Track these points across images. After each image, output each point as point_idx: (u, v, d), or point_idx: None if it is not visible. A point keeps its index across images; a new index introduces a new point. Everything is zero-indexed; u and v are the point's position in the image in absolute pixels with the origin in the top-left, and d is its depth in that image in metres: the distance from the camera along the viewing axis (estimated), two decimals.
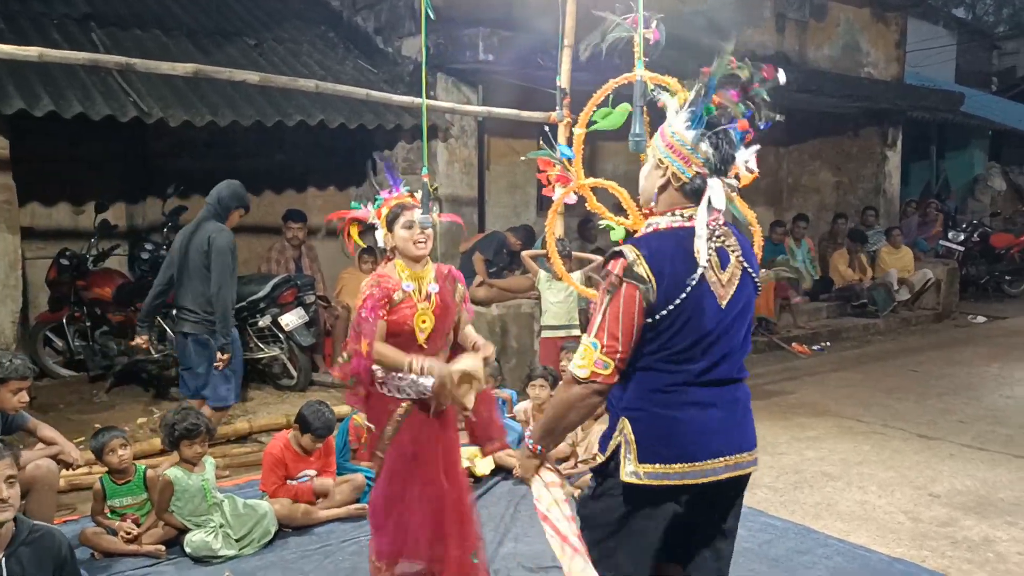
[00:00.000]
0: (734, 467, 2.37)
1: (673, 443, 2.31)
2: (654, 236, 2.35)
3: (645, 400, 2.33)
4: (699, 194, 2.31)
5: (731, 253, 2.36)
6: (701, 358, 2.31)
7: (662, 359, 2.30)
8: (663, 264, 2.25)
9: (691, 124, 2.31)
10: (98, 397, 6.52)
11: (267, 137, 7.64)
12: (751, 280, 2.41)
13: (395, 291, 3.27)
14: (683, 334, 2.28)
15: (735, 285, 2.35)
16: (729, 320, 2.33)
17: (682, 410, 2.32)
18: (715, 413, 2.35)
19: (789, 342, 9.07)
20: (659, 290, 2.24)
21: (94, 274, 6.84)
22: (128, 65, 4.99)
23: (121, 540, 3.97)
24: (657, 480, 2.30)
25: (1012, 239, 12.57)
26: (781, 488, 4.88)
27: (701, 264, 2.26)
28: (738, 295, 2.36)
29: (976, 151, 15.69)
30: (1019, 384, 7.33)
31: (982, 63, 22.61)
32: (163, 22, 7.69)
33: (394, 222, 3.32)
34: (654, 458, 2.30)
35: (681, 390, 2.31)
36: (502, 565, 3.88)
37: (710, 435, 2.33)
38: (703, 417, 2.33)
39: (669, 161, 2.34)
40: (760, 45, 9.97)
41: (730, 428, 2.37)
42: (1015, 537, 4.19)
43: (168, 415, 4.23)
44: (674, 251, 2.28)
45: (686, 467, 2.31)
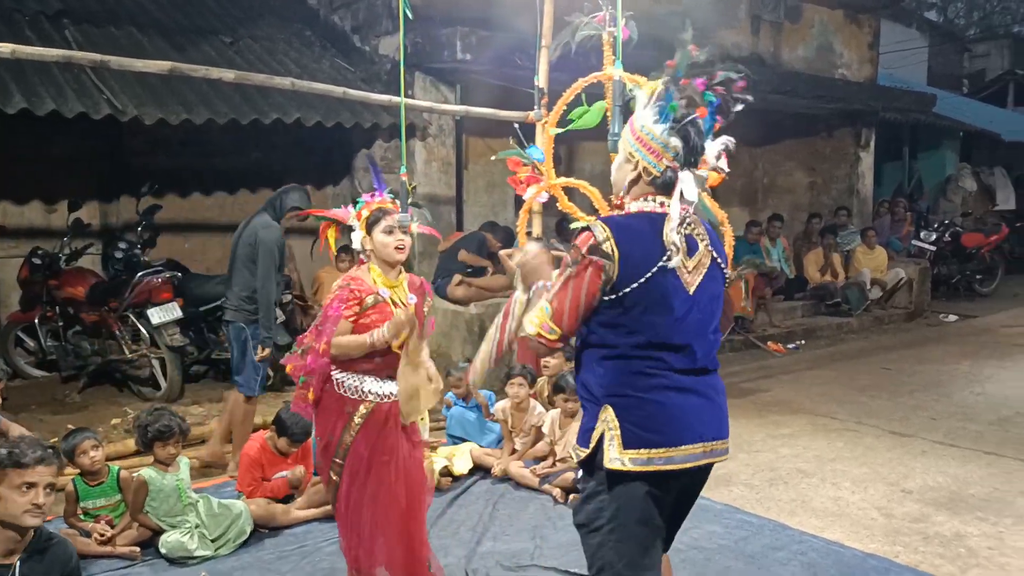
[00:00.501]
0: (710, 454, 2.41)
1: (658, 427, 2.32)
2: (625, 216, 2.40)
3: (626, 385, 2.34)
4: (670, 187, 2.36)
5: (700, 241, 2.41)
6: (675, 344, 2.34)
7: (638, 343, 2.33)
8: (631, 243, 2.30)
9: (660, 118, 2.34)
10: (71, 398, 6.45)
11: (243, 135, 7.59)
12: (720, 270, 2.46)
13: (368, 295, 3.23)
14: (650, 314, 2.31)
15: (702, 273, 2.40)
16: (699, 307, 2.37)
17: (664, 394, 2.34)
18: (694, 399, 2.38)
19: (764, 340, 9.15)
20: (624, 267, 2.28)
21: (67, 273, 6.77)
22: (102, 62, 4.92)
23: (95, 542, 3.94)
24: (642, 466, 2.30)
25: (982, 239, 12.75)
26: (757, 485, 4.93)
27: (669, 247, 2.31)
28: (706, 283, 2.40)
29: (948, 152, 15.90)
30: (989, 381, 7.44)
31: (953, 65, 22.94)
32: (137, 19, 7.62)
33: (375, 225, 3.27)
34: (639, 443, 2.31)
35: (661, 375, 2.34)
36: (480, 564, 3.88)
37: (691, 420, 2.36)
38: (684, 402, 2.35)
39: (640, 155, 2.38)
40: (735, 46, 10.04)
41: (709, 415, 2.41)
42: (986, 532, 4.26)
43: (142, 416, 4.17)
44: (644, 232, 2.33)
45: (671, 451, 2.32)
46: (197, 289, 6.75)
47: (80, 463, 4.03)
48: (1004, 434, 5.89)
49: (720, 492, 4.67)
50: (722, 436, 2.45)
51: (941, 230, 12.64)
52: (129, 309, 6.33)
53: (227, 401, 5.31)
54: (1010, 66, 22.39)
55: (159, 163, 7.51)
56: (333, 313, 3.19)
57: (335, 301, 3.21)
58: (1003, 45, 24.41)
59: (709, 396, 2.42)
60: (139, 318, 6.29)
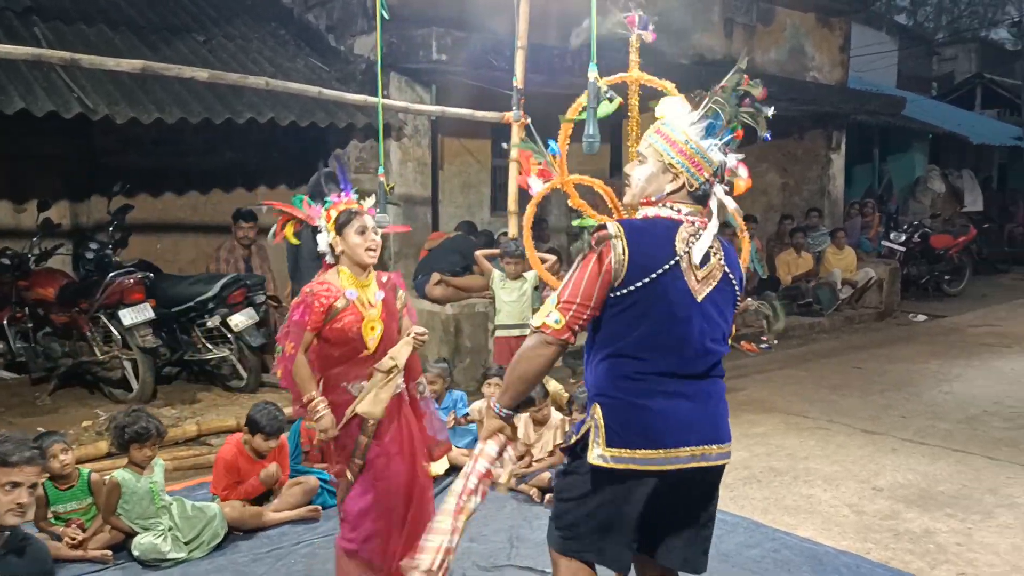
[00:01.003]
0: (700, 458, 2.45)
1: (639, 429, 2.39)
2: (641, 220, 2.50)
3: (615, 387, 2.43)
4: (706, 198, 2.48)
5: (712, 255, 2.47)
6: (672, 348, 2.41)
7: (632, 345, 2.40)
8: (641, 243, 2.38)
9: (706, 135, 2.47)
10: (41, 400, 6.36)
11: (217, 135, 7.53)
12: (731, 286, 2.54)
13: (337, 299, 3.16)
14: (649, 317, 2.38)
15: (712, 285, 2.46)
16: (703, 316, 2.44)
17: (651, 398, 2.41)
18: (684, 404, 2.44)
19: (738, 340, 9.19)
20: (632, 265, 2.36)
21: (36, 274, 6.68)
22: (73, 61, 4.89)
23: (66, 546, 3.89)
24: (622, 464, 2.38)
25: (951, 240, 12.94)
26: (731, 483, 4.96)
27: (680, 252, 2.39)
28: (716, 295, 2.47)
29: (917, 154, 16.13)
30: (957, 380, 7.56)
31: (922, 69, 23.28)
32: (109, 17, 7.53)
33: (345, 226, 3.21)
34: (620, 442, 2.39)
35: (651, 379, 2.41)
36: (456, 565, 3.87)
37: (677, 424, 2.42)
38: (671, 407, 2.42)
39: (682, 168, 2.46)
40: (709, 49, 10.13)
41: (699, 420, 2.46)
42: (954, 528, 4.33)
43: (119, 417, 4.12)
44: (656, 235, 2.42)
45: (651, 453, 2.39)
46: (170, 290, 6.69)
47: (50, 467, 3.97)
48: (972, 432, 5.99)
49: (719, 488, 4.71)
50: (717, 441, 2.49)
51: (910, 231, 12.83)
52: (100, 310, 6.25)
53: None
54: (978, 69, 22.77)
55: (131, 162, 7.44)
56: (298, 319, 3.14)
57: (300, 307, 3.15)
58: (971, 49, 24.84)
59: (701, 401, 2.48)
60: (110, 319, 6.22)
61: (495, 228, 8.64)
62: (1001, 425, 6.17)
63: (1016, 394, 7.05)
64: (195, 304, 6.55)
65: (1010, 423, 6.22)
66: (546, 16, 7.74)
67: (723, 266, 2.49)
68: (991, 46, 26.09)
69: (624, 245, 2.36)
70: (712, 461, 2.48)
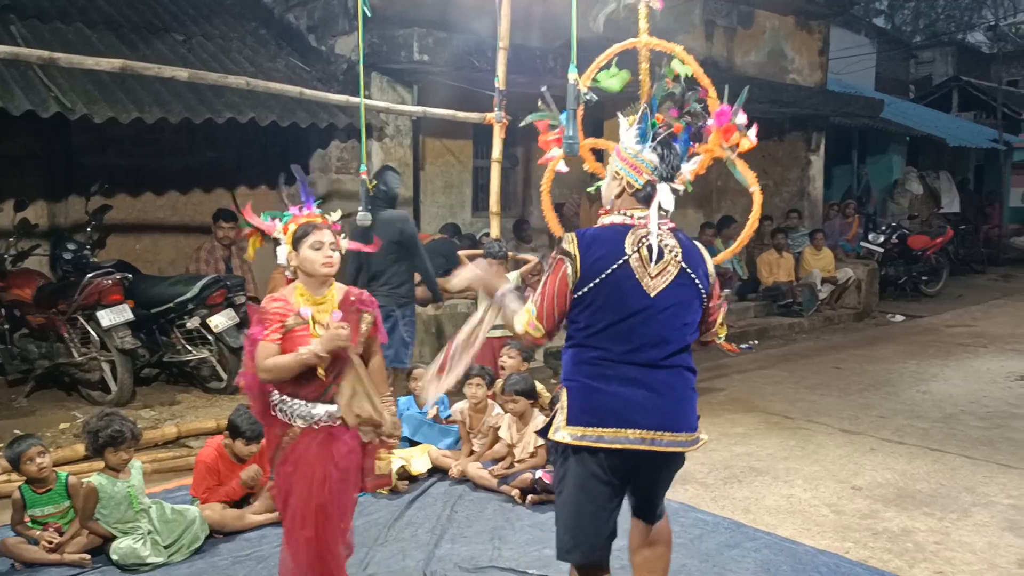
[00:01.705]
0: (651, 442, 2.64)
1: (594, 410, 2.64)
2: (596, 228, 2.77)
3: (577, 372, 2.71)
4: (650, 198, 2.71)
5: (667, 251, 2.69)
6: (627, 338, 2.64)
7: (591, 335, 2.67)
8: (592, 248, 2.67)
9: (640, 139, 2.74)
10: (17, 402, 6.29)
11: (198, 135, 7.48)
12: (691, 281, 2.73)
13: (288, 316, 3.04)
14: (605, 311, 2.65)
15: (667, 280, 2.68)
16: (659, 309, 2.66)
17: (607, 383, 2.64)
18: (639, 391, 2.64)
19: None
20: (582, 267, 2.64)
21: (13, 275, 6.60)
22: (51, 59, 4.83)
23: (43, 549, 3.85)
24: (578, 441, 2.64)
25: (928, 241, 13.08)
26: (711, 484, 4.99)
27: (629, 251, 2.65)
28: (672, 290, 2.68)
29: (895, 156, 16.28)
30: (935, 380, 7.64)
31: (900, 71, 23.48)
32: (87, 15, 7.46)
33: (301, 241, 3.08)
34: (578, 422, 2.65)
35: (608, 365, 2.65)
36: (439, 566, 3.88)
37: (628, 407, 2.63)
38: (625, 392, 2.64)
39: (624, 172, 2.75)
40: (690, 51, 10.08)
41: (654, 407, 2.65)
42: (932, 527, 4.37)
43: (91, 421, 4.03)
44: (608, 240, 2.68)
45: (602, 431, 2.62)
46: (149, 291, 6.64)
47: (26, 471, 3.93)
48: (949, 431, 6.05)
49: (675, 491, 4.70)
50: (673, 429, 2.67)
51: (889, 232, 12.95)
52: (78, 311, 6.19)
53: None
54: (955, 72, 23.01)
55: (110, 162, 7.37)
56: (253, 336, 3.04)
57: (254, 324, 3.07)
58: (948, 52, 25.08)
59: (658, 391, 2.66)
60: (88, 320, 6.17)
61: (476, 229, 8.65)
62: (978, 424, 6.24)
63: (992, 393, 7.14)
64: (174, 305, 6.50)
65: (986, 422, 6.29)
66: (528, 17, 7.75)
67: (680, 263, 2.70)
68: (968, 50, 26.38)
69: (575, 248, 2.66)
70: (663, 447, 2.66)
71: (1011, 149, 18.17)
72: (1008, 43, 24.50)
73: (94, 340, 6.21)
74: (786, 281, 10.68)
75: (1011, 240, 17.51)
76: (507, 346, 5.53)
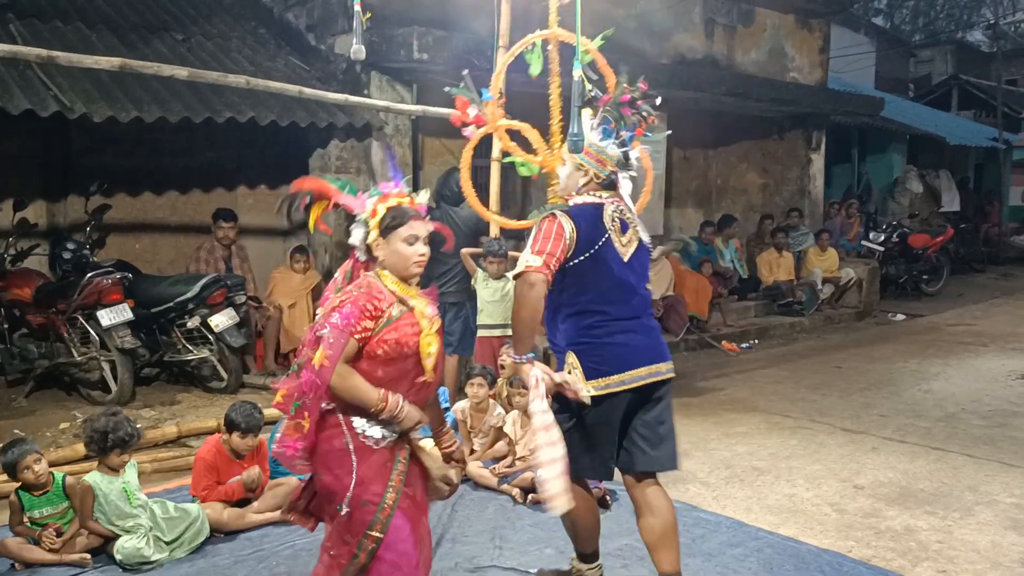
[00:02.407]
0: (655, 374, 3.24)
1: (611, 361, 3.17)
2: (576, 206, 3.28)
3: (584, 335, 3.19)
4: (614, 185, 3.31)
5: (630, 225, 3.30)
6: (617, 300, 3.21)
7: (590, 301, 3.19)
8: (583, 225, 3.17)
9: (603, 136, 3.27)
10: (17, 402, 6.28)
11: (197, 135, 7.46)
12: (646, 248, 3.36)
13: (392, 304, 2.64)
14: (599, 278, 3.18)
15: (633, 248, 3.28)
16: (632, 271, 3.26)
17: (613, 337, 3.19)
18: (636, 337, 3.24)
19: (719, 340, 9.26)
20: (579, 241, 3.15)
21: (12, 274, 6.58)
22: (50, 58, 4.80)
23: (43, 550, 3.84)
24: (604, 390, 3.15)
25: (928, 239, 13.07)
26: (713, 483, 4.98)
27: (608, 226, 3.20)
28: (637, 255, 3.29)
29: (895, 155, 16.26)
30: (936, 379, 7.63)
31: (900, 70, 23.46)
32: (86, 15, 7.43)
33: (393, 231, 2.67)
34: (597, 375, 3.15)
35: (609, 324, 3.19)
36: (440, 566, 3.86)
37: (635, 352, 3.21)
38: (629, 340, 3.21)
39: (589, 164, 3.29)
40: (690, 49, 10.16)
41: (648, 347, 3.26)
42: (935, 526, 4.36)
43: (99, 421, 3.98)
44: (590, 217, 3.20)
45: (622, 376, 3.16)
46: (149, 290, 6.63)
47: (24, 478, 3.92)
48: (951, 430, 6.04)
49: (677, 491, 4.71)
50: (660, 360, 3.27)
51: (889, 231, 12.94)
52: (78, 311, 6.18)
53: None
54: (954, 71, 23.00)
55: (109, 162, 7.34)
56: (343, 323, 2.53)
57: (349, 307, 2.56)
58: (947, 51, 25.08)
59: (645, 333, 3.28)
60: (88, 320, 6.15)
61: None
62: (979, 423, 6.23)
63: (993, 392, 7.13)
64: (175, 304, 6.48)
65: (988, 421, 6.28)
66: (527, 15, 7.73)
67: (638, 233, 3.31)
68: (967, 48, 26.37)
69: (573, 226, 3.14)
70: (663, 375, 3.28)
71: (1011, 148, 18.15)
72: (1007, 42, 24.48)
73: (94, 340, 6.19)
74: (787, 280, 10.67)
75: (1011, 239, 17.49)
76: (506, 345, 5.52)
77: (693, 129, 11.58)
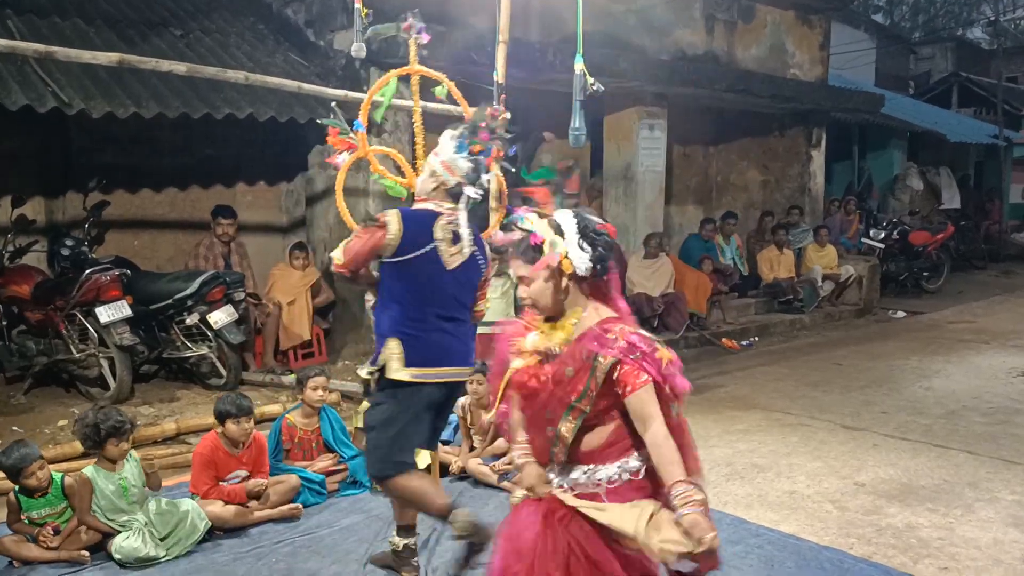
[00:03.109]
0: (458, 375, 3.55)
1: (427, 353, 3.44)
2: (413, 209, 3.55)
3: (407, 326, 3.44)
4: (459, 196, 3.51)
5: (464, 238, 3.49)
6: (437, 302, 3.46)
7: (412, 296, 3.44)
8: (412, 225, 3.42)
9: (457, 149, 3.51)
10: (16, 399, 6.26)
11: (195, 132, 7.45)
12: (476, 263, 3.55)
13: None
14: (421, 278, 3.43)
15: (461, 260, 3.48)
16: (454, 280, 3.48)
17: (430, 335, 3.45)
18: (448, 337, 3.49)
19: (719, 337, 9.24)
20: (403, 241, 3.39)
21: (10, 271, 6.56)
22: (48, 53, 4.78)
23: (41, 547, 3.83)
24: (419, 378, 3.42)
25: (929, 237, 13.05)
26: (714, 480, 4.96)
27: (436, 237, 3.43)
28: (466, 267, 3.50)
29: (895, 152, 16.24)
30: (937, 376, 7.62)
31: (900, 67, 23.42)
32: (84, 11, 7.41)
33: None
34: (415, 363, 3.41)
35: (428, 321, 3.45)
36: (440, 562, 3.86)
37: (446, 353, 3.48)
38: (442, 339, 3.47)
39: (440, 172, 3.52)
40: (690, 45, 10.13)
41: (457, 349, 3.52)
42: (936, 523, 4.35)
43: (88, 415, 4.03)
44: (422, 222, 3.45)
45: (434, 369, 3.44)
46: (147, 287, 6.61)
47: (27, 484, 3.90)
48: (952, 427, 6.03)
49: None
50: (466, 364, 3.57)
51: (890, 228, 12.92)
52: (76, 307, 6.16)
53: None
54: (954, 68, 22.96)
55: (107, 160, 7.32)
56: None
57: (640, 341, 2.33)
58: (947, 48, 25.03)
59: (459, 337, 3.52)
60: (87, 317, 6.13)
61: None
62: (980, 420, 6.22)
63: (994, 389, 7.11)
64: (173, 301, 6.47)
65: (989, 418, 6.27)
66: (527, 11, 7.71)
67: (472, 248, 3.50)
68: (967, 45, 26.32)
69: (400, 226, 3.39)
70: (463, 377, 3.62)
71: (1011, 145, 18.12)
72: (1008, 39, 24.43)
73: (93, 336, 6.18)
74: (787, 278, 10.65)
75: (1011, 236, 17.47)
76: None
77: (693, 126, 11.56)
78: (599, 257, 2.35)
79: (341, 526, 4.30)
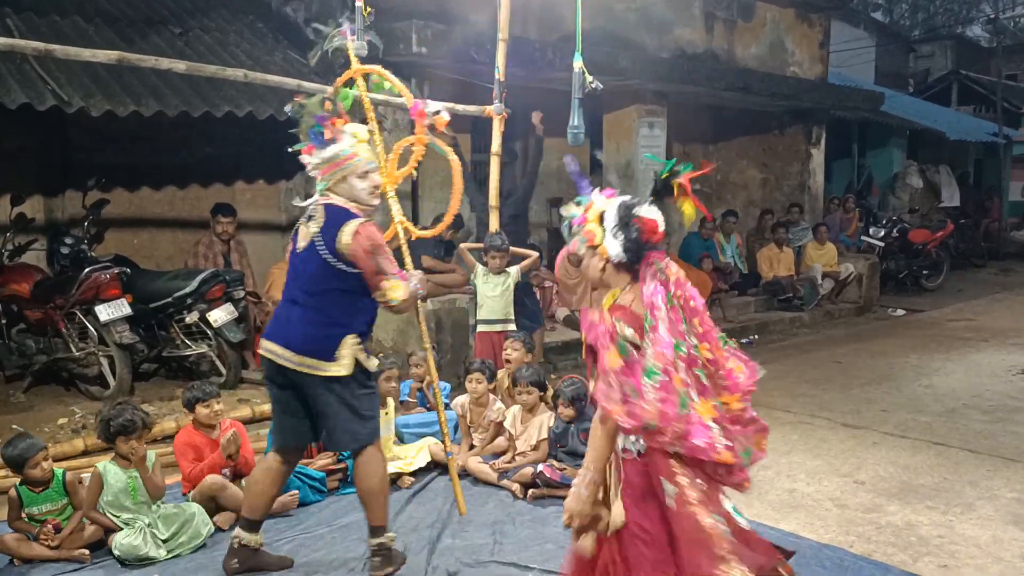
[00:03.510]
0: (279, 356, 3.55)
1: (268, 328, 3.67)
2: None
3: None
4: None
5: (313, 222, 3.58)
6: (289, 279, 3.68)
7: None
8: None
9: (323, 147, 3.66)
10: (15, 398, 6.27)
11: (195, 131, 7.44)
12: (315, 248, 3.55)
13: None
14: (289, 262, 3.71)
15: (305, 243, 3.59)
16: (299, 260, 3.63)
17: (278, 308, 3.71)
18: (281, 317, 3.63)
19: None
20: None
21: (10, 269, 6.57)
22: (47, 51, 4.77)
23: (42, 545, 3.83)
24: (261, 351, 3.65)
25: (929, 235, 13.05)
26: None
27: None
28: (307, 249, 3.57)
29: (895, 150, 16.24)
30: (936, 374, 7.62)
31: (899, 65, 23.44)
32: (83, 9, 7.40)
33: None
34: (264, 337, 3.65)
35: (286, 295, 3.68)
36: (440, 560, 3.86)
37: (273, 328, 3.63)
38: (277, 316, 3.68)
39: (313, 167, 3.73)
40: (690, 43, 10.12)
41: (283, 330, 3.58)
42: (936, 521, 4.35)
43: (104, 410, 4.09)
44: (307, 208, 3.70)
45: (265, 344, 3.60)
46: (147, 285, 6.61)
47: (32, 475, 3.91)
48: (951, 425, 6.03)
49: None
50: (288, 346, 3.54)
51: (889, 226, 12.92)
52: (76, 306, 6.16)
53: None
54: (953, 66, 22.96)
55: (107, 158, 7.32)
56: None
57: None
58: (947, 46, 25.03)
59: (290, 319, 3.59)
60: (86, 315, 6.13)
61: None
62: (980, 418, 6.22)
63: (994, 387, 7.11)
64: (173, 299, 6.47)
65: (988, 416, 6.27)
66: (527, 9, 7.71)
67: (314, 233, 3.55)
68: (967, 43, 26.32)
69: None
70: (280, 360, 3.54)
71: (1011, 143, 18.11)
72: (1007, 37, 24.43)
73: (92, 335, 6.18)
74: (786, 276, 10.65)
75: (1011, 234, 17.48)
76: (510, 338, 5.51)
77: (693, 124, 11.55)
78: (630, 247, 2.59)
79: (341, 524, 4.30)
